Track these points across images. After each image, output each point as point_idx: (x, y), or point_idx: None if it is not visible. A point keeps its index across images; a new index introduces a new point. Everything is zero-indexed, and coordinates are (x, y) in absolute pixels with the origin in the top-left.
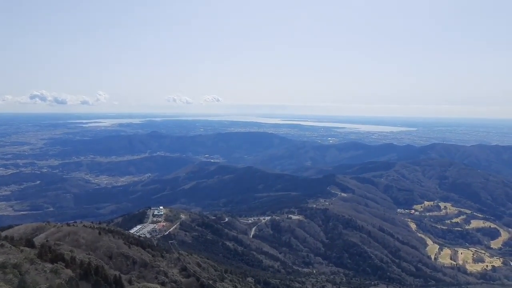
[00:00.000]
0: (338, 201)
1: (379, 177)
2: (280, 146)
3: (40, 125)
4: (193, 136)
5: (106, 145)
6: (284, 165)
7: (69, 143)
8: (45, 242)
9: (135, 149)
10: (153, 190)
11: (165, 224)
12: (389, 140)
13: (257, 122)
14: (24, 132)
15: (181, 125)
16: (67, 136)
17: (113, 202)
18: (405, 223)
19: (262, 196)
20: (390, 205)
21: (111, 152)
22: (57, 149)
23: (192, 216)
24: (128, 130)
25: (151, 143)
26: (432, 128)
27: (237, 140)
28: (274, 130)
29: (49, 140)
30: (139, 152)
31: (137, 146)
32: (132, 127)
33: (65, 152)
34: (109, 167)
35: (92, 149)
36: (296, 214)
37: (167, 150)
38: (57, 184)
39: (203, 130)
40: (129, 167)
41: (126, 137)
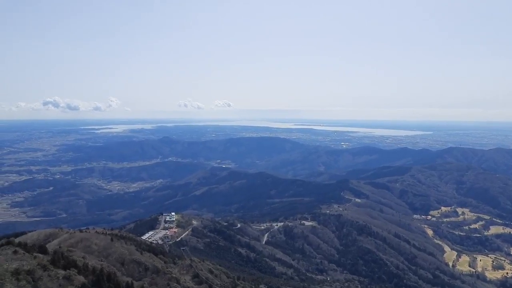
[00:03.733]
0: (352, 207)
1: (394, 182)
2: (292, 151)
3: (53, 132)
4: (205, 142)
5: (118, 151)
6: (297, 170)
7: (82, 149)
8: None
9: (147, 154)
10: (165, 196)
11: (177, 230)
12: (404, 144)
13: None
14: (37, 139)
15: (192, 130)
16: (79, 142)
17: (125, 208)
18: (422, 229)
19: (275, 201)
20: (405, 211)
21: (123, 158)
22: (70, 155)
23: (204, 222)
24: (140, 136)
25: (162, 149)
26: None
27: (248, 145)
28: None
29: (61, 146)
30: (150, 157)
31: (149, 151)
32: (143, 133)
33: (78, 158)
34: (121, 173)
35: (104, 155)
36: (309, 220)
37: (178, 156)
38: (69, 190)
39: (215, 135)
40: (141, 172)
41: (137, 143)
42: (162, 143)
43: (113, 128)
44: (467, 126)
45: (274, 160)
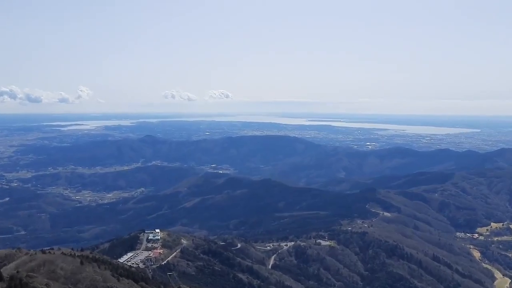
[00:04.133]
0: (380, 223)
1: (432, 192)
2: (305, 153)
3: (9, 129)
4: (197, 141)
5: (90, 153)
6: (311, 177)
7: (45, 150)
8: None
9: (125, 157)
10: (147, 209)
11: (162, 251)
12: (445, 144)
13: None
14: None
15: (181, 127)
16: (42, 142)
17: (98, 223)
18: (466, 250)
19: (284, 216)
20: (446, 227)
21: (95, 161)
22: (30, 158)
23: (196, 241)
24: (117, 134)
25: (144, 150)
26: (500, 129)
27: (251, 145)
28: (297, 133)
29: (20, 147)
30: (130, 161)
31: (128, 154)
32: (121, 131)
33: (40, 162)
34: (93, 180)
35: (73, 158)
36: (326, 239)
37: (164, 159)
38: (29, 202)
39: (209, 133)
40: (117, 180)
41: (114, 143)
42: (144, 143)
43: (83, 125)
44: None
45: (282, 165)
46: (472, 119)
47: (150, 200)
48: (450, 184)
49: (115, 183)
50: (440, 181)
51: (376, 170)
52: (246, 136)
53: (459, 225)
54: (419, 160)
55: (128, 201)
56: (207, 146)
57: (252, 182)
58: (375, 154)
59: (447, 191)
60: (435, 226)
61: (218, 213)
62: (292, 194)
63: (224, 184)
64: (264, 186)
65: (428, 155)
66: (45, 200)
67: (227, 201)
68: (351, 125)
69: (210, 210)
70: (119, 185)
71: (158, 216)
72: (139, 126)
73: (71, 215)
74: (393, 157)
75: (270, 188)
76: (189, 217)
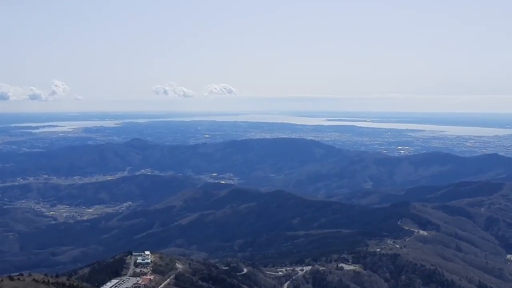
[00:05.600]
0: (414, 243)
1: (478, 205)
2: (325, 160)
3: None
4: (194, 146)
5: (66, 160)
6: (332, 188)
7: (12, 157)
8: None
9: (109, 165)
10: (135, 227)
11: (153, 277)
12: (493, 148)
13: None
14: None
15: (176, 128)
16: (9, 147)
17: (77, 244)
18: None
19: (299, 235)
20: (495, 248)
21: (73, 170)
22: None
23: (193, 265)
24: (99, 138)
25: (131, 157)
26: None
27: (259, 151)
28: (315, 136)
29: None
30: (114, 170)
31: (112, 161)
32: (104, 133)
33: (6, 171)
34: (71, 193)
35: (46, 167)
36: (350, 263)
37: (155, 167)
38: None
39: (209, 136)
40: (99, 192)
41: (95, 148)
42: (131, 148)
43: (58, 126)
44: None
45: (297, 174)
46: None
47: (138, 217)
48: (499, 196)
49: (97, 196)
50: (487, 192)
51: (409, 180)
52: (253, 139)
53: (511, 246)
54: (462, 168)
55: (112, 218)
56: (206, 151)
57: (260, 194)
58: (408, 160)
59: (496, 204)
60: (481, 247)
61: (220, 232)
62: (309, 208)
63: (227, 197)
64: (275, 199)
65: (473, 162)
66: (13, 216)
67: (231, 217)
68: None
69: (211, 228)
70: (101, 198)
71: (148, 236)
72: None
73: (44, 234)
74: (430, 164)
75: (283, 201)
76: (185, 237)
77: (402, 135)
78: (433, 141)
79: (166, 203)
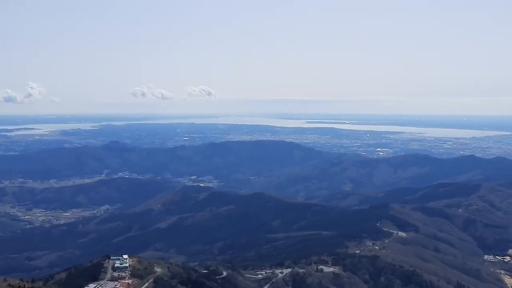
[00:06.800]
0: (393, 244)
1: (456, 207)
2: (305, 162)
3: None
4: (173, 149)
5: (43, 164)
6: (311, 190)
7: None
8: None
9: (86, 168)
10: (113, 231)
11: (131, 281)
12: (470, 150)
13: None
14: None
15: (154, 131)
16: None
17: (53, 248)
18: (497, 276)
19: (279, 237)
20: (472, 249)
21: (49, 173)
22: None
23: (172, 269)
24: (75, 141)
25: (109, 160)
26: None
27: (239, 153)
28: (295, 138)
29: None
30: (91, 173)
31: (89, 164)
32: (81, 136)
33: None
34: (47, 197)
35: (22, 170)
36: (330, 265)
37: (133, 170)
38: None
39: (188, 138)
40: (77, 196)
41: (72, 151)
42: (109, 151)
43: (34, 129)
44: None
45: (277, 176)
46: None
47: (116, 220)
48: (477, 197)
49: (74, 200)
50: (464, 194)
51: (388, 182)
52: (233, 141)
53: (488, 246)
54: (440, 169)
55: (89, 222)
56: (185, 154)
57: (240, 197)
58: (387, 162)
59: (473, 205)
60: (459, 248)
61: (199, 235)
62: (289, 211)
63: (206, 200)
64: (255, 202)
65: (450, 163)
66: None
67: (210, 220)
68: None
69: (190, 231)
70: (78, 202)
71: (127, 239)
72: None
73: (19, 238)
74: (409, 166)
75: (262, 204)
76: (164, 240)
77: (381, 137)
78: (411, 143)
79: (145, 206)
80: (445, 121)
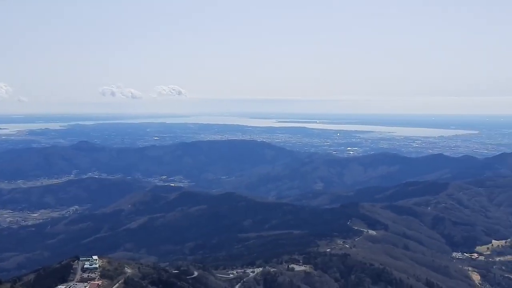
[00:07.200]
0: (364, 243)
1: (425, 205)
2: (276, 161)
3: None
4: (143, 148)
5: (10, 164)
6: (282, 189)
7: None
8: None
9: (55, 168)
10: (82, 231)
11: (101, 282)
12: (439, 149)
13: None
14: None
15: (124, 131)
16: None
17: (21, 250)
18: (465, 273)
19: (250, 237)
20: (441, 246)
21: (17, 174)
22: None
23: (142, 269)
24: (44, 140)
25: (78, 160)
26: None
27: (210, 153)
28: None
29: None
30: (60, 173)
31: (58, 164)
32: (49, 136)
33: None
34: (15, 197)
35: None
36: (301, 264)
37: (103, 170)
38: None
39: (158, 138)
40: (45, 196)
41: (40, 151)
42: (78, 151)
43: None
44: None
45: (248, 175)
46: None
47: (85, 221)
48: (445, 195)
49: (42, 200)
50: (433, 192)
51: (359, 181)
52: (204, 141)
53: (456, 244)
54: (409, 168)
55: (58, 222)
56: (155, 153)
57: (211, 197)
58: (357, 161)
59: (442, 203)
60: (428, 246)
61: (170, 235)
62: (260, 210)
63: (177, 200)
64: (226, 202)
65: (419, 162)
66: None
67: (181, 220)
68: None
69: (160, 231)
70: (47, 202)
71: (96, 240)
72: (72, 130)
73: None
74: (379, 165)
75: (234, 203)
76: (134, 241)
77: (351, 136)
78: (381, 142)
79: (115, 207)
80: (414, 120)
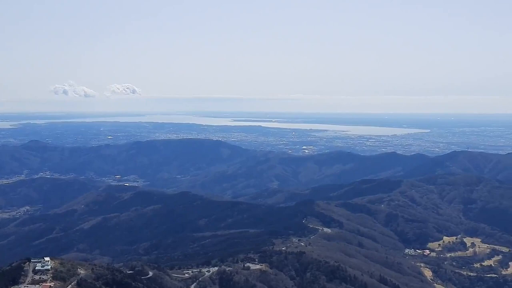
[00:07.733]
0: (319, 240)
1: (378, 202)
2: (231, 160)
3: None
4: (97, 148)
5: None
6: (238, 188)
7: None
8: None
9: (5, 168)
10: (34, 232)
11: (53, 284)
12: (391, 147)
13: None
14: None
15: (77, 130)
16: None
17: None
18: (417, 269)
19: (205, 236)
20: (394, 243)
21: None
22: None
23: (96, 270)
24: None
25: (30, 159)
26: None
27: (165, 152)
28: (221, 136)
29: None
30: (10, 173)
31: (8, 164)
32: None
33: None
34: None
35: None
36: (256, 262)
37: (55, 170)
38: None
39: (112, 137)
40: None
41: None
42: (29, 151)
43: None
44: (480, 121)
45: (204, 174)
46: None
47: (37, 221)
48: (398, 193)
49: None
50: (386, 189)
51: (314, 179)
52: (158, 140)
53: (408, 240)
54: (363, 166)
55: (8, 223)
56: (109, 153)
57: (166, 196)
58: (312, 159)
59: (394, 201)
60: (381, 243)
61: (124, 235)
62: (216, 209)
63: (131, 200)
64: (181, 201)
65: (373, 160)
66: None
67: (136, 220)
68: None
69: (114, 231)
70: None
71: (48, 241)
72: (22, 129)
73: None
74: (333, 163)
75: (189, 203)
76: (88, 241)
77: (307, 135)
78: (336, 140)
79: (67, 207)
80: (368, 119)
